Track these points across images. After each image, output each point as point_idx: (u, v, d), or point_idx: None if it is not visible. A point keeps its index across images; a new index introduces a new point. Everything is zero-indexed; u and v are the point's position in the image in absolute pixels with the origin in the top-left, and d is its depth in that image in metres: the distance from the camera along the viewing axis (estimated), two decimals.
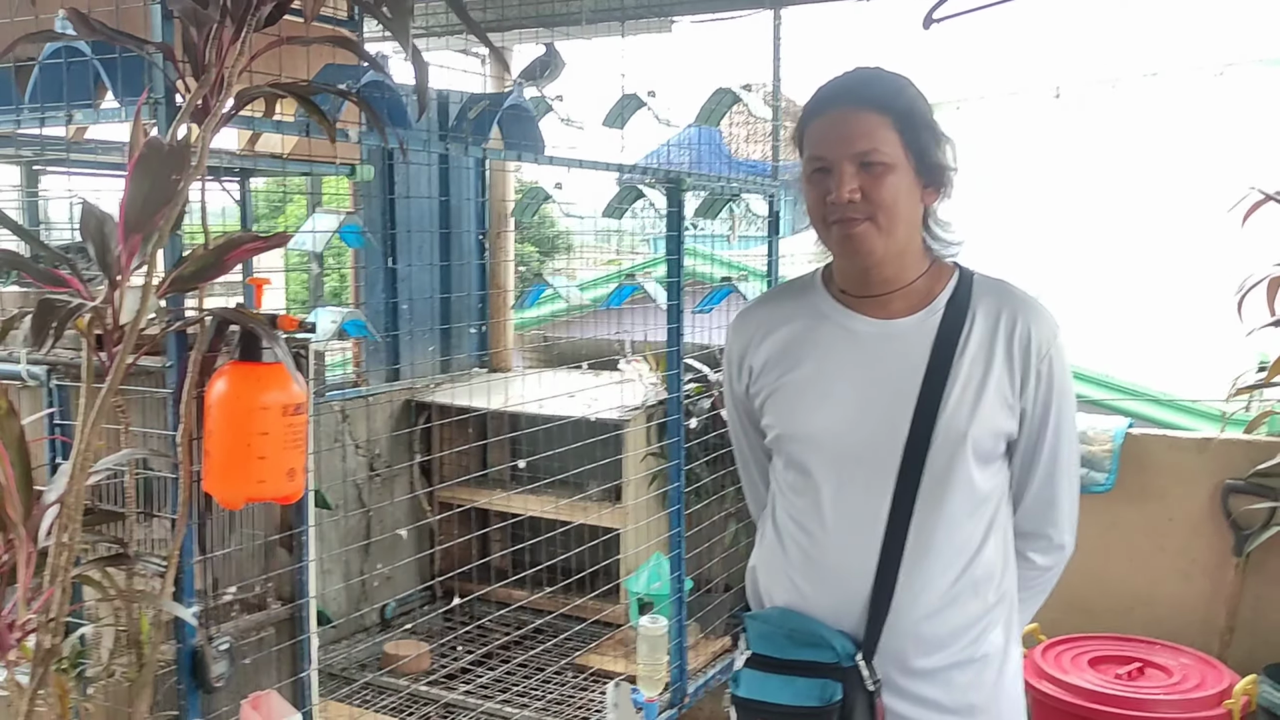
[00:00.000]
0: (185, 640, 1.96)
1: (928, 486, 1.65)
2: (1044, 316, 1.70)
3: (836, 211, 1.62)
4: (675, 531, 3.53)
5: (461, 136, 2.64)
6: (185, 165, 1.71)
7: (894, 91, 1.65)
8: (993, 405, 1.65)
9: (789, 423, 1.75)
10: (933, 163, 1.65)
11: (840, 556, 1.69)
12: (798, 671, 1.67)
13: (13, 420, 1.75)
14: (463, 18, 1.78)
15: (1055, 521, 1.77)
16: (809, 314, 1.76)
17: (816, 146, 1.64)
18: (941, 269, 1.74)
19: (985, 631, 1.69)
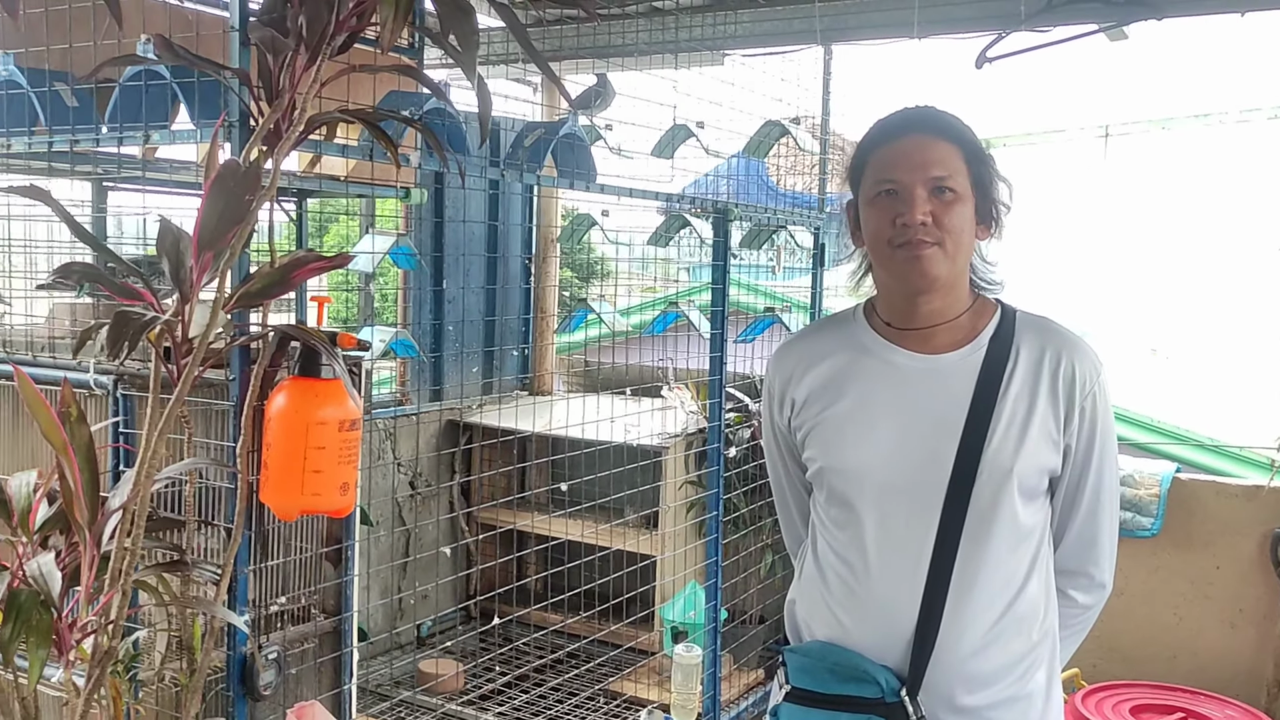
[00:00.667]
0: (236, 648, 2.00)
1: (973, 522, 1.65)
2: (1088, 353, 1.71)
3: (905, 234, 1.63)
4: (712, 560, 3.54)
5: (517, 163, 2.70)
6: (258, 186, 1.77)
7: (962, 126, 1.70)
8: (1037, 441, 1.66)
9: (832, 457, 1.76)
10: (992, 199, 1.69)
11: (884, 590, 1.69)
12: (840, 707, 1.67)
13: (82, 426, 1.80)
14: (528, 50, 1.83)
15: (1096, 559, 1.77)
16: (851, 347, 1.78)
17: (887, 170, 1.66)
18: (985, 305, 1.75)
19: (1030, 670, 1.69)
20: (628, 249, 4.76)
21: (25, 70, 2.31)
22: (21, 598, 1.78)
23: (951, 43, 3.59)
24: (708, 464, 3.56)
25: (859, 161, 1.73)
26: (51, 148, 2.25)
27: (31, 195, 1.85)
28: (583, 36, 3.84)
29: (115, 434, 2.15)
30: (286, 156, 1.91)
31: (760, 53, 3.86)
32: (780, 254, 4.21)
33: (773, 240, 4.13)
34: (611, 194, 3.06)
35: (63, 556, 1.89)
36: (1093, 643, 1.90)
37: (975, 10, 3.44)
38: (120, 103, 2.18)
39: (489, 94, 1.96)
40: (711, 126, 3.59)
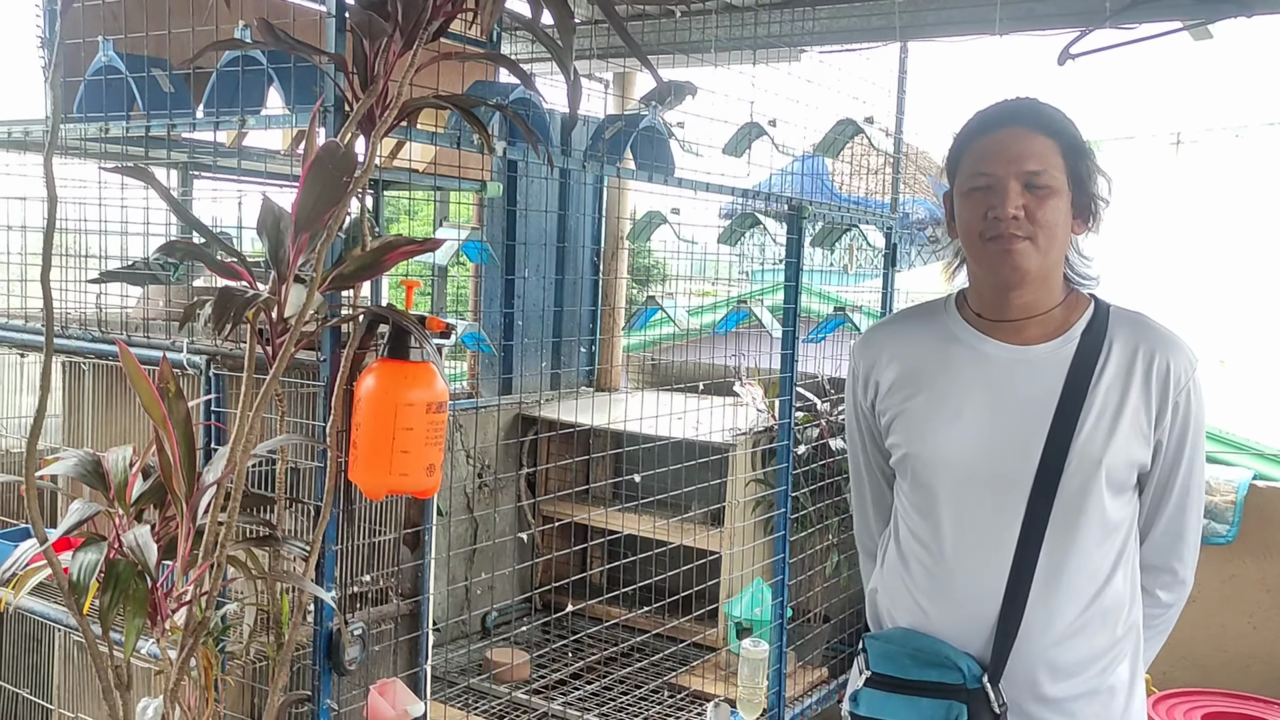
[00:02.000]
0: (322, 623, 2.04)
1: (1060, 512, 1.65)
2: (1183, 350, 1.70)
3: (997, 227, 1.64)
4: (779, 558, 3.53)
5: (597, 155, 2.72)
6: (354, 169, 1.81)
7: (1062, 119, 1.69)
8: (1128, 434, 1.66)
9: (917, 443, 1.76)
10: (1089, 194, 1.68)
11: (967, 579, 1.70)
12: (922, 692, 1.68)
13: (180, 403, 1.85)
14: (628, 42, 1.84)
15: (1181, 555, 1.77)
16: (940, 336, 1.78)
17: (982, 163, 1.66)
18: (1078, 299, 1.75)
19: (1114, 663, 1.69)
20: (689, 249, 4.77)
21: (124, 56, 2.37)
22: (119, 567, 1.83)
23: (1031, 40, 3.54)
24: (776, 461, 3.56)
25: (956, 153, 1.73)
26: (149, 132, 2.30)
27: (136, 175, 1.90)
28: (663, 32, 3.85)
29: (207, 412, 2.19)
30: (380, 140, 1.94)
31: (838, 49, 3.85)
32: (851, 254, 4.19)
33: (838, 243, 4.11)
34: (689, 188, 3.07)
35: (157, 530, 1.94)
36: (1165, 649, 1.87)
37: (1059, 6, 3.39)
38: (216, 88, 2.23)
39: (580, 86, 1.98)
40: (784, 124, 3.58)
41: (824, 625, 4.02)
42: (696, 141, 3.31)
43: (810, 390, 4.07)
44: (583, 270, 4.70)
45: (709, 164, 3.30)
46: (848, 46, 3.84)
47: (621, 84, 4.70)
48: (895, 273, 4.13)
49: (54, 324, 1.74)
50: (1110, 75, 11.22)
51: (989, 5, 3.46)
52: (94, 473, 1.93)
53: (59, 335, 2.49)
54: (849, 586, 4.09)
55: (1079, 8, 3.34)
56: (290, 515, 2.31)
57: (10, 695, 2.80)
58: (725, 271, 5.81)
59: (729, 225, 3.85)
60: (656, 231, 3.84)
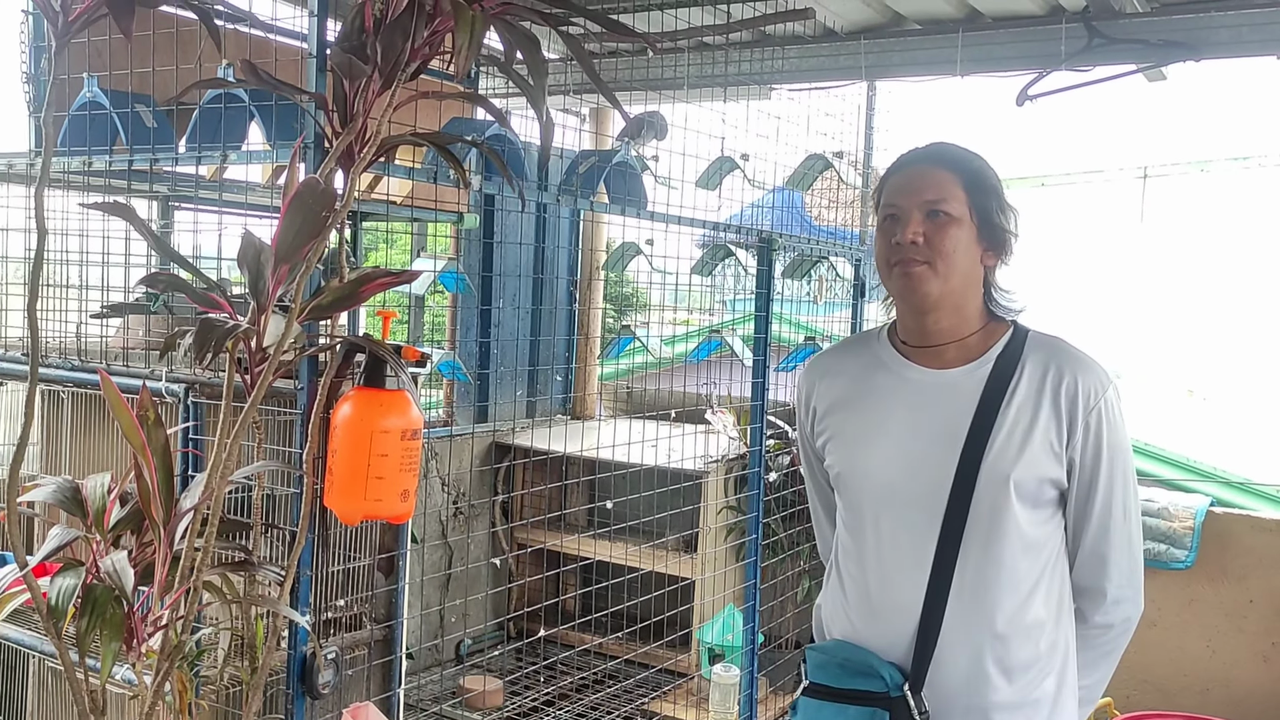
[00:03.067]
0: (296, 647, 2.08)
1: (974, 527, 1.73)
2: (1093, 371, 1.76)
3: (899, 253, 1.75)
4: (750, 583, 3.59)
5: (572, 189, 2.79)
6: (333, 204, 1.87)
7: (966, 157, 1.80)
8: (1038, 451, 1.72)
9: (846, 464, 1.87)
10: (994, 225, 1.77)
11: (889, 592, 1.78)
12: (849, 700, 1.77)
13: (159, 430, 1.89)
14: (595, 81, 1.92)
15: (1109, 577, 1.79)
16: (870, 362, 1.88)
17: (891, 196, 1.79)
18: (997, 326, 1.83)
19: (1039, 677, 1.75)
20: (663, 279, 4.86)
21: (108, 92, 2.43)
22: (97, 592, 1.86)
23: (993, 81, 3.66)
24: (748, 488, 3.62)
25: (876, 193, 1.86)
26: (132, 166, 2.36)
27: (115, 211, 1.95)
28: (636, 69, 3.95)
29: (185, 440, 2.23)
30: (360, 177, 2.00)
31: (806, 88, 3.95)
32: (822, 285, 4.28)
33: (811, 273, 4.20)
34: (661, 221, 3.14)
35: (134, 555, 1.98)
36: (1126, 673, 1.93)
37: (1017, 50, 3.51)
38: (198, 124, 2.29)
39: (552, 124, 2.05)
40: (756, 158, 3.68)
41: (795, 650, 4.07)
42: (670, 176, 3.40)
43: (782, 418, 4.14)
44: (559, 300, 4.77)
45: (683, 197, 3.38)
46: (816, 85, 3.94)
47: (596, 119, 4.79)
48: (864, 303, 4.22)
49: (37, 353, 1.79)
50: (1077, 112, 11.47)
51: (950, 47, 3.57)
52: (72, 499, 1.96)
53: (41, 364, 2.53)
54: None
55: (1036, 51, 3.46)
56: (266, 541, 2.35)
57: None
58: (699, 301, 5.89)
59: (702, 256, 3.93)
60: (631, 262, 3.91)
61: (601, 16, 2.07)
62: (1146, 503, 3.73)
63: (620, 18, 2.90)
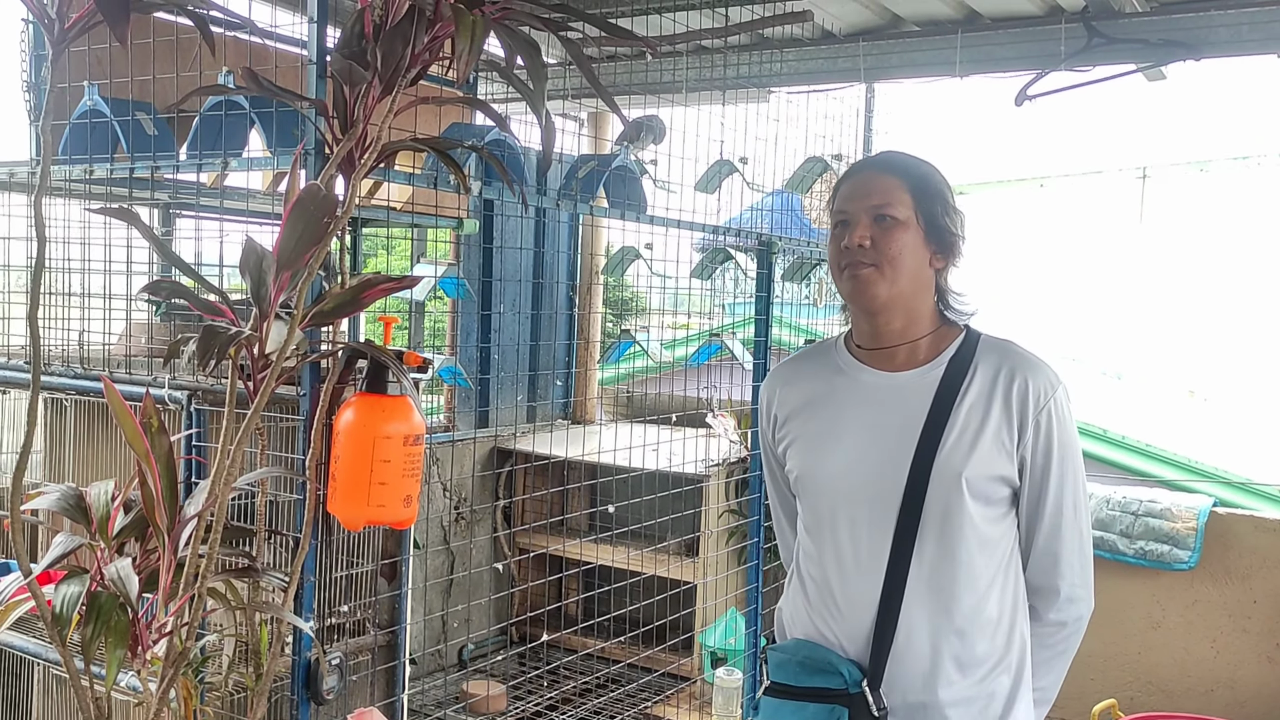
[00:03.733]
0: (301, 653, 2.08)
1: (928, 525, 1.75)
2: (1042, 371, 1.80)
3: (848, 256, 1.78)
4: (752, 587, 3.59)
5: (571, 194, 2.79)
6: (334, 210, 1.87)
7: (913, 164, 1.84)
8: (990, 449, 1.75)
9: (804, 467, 1.89)
10: (940, 227, 1.80)
11: (847, 590, 1.81)
12: (808, 698, 1.79)
13: (163, 437, 1.90)
14: (594, 85, 1.92)
15: (1062, 575, 1.82)
16: (828, 368, 1.92)
17: (841, 202, 1.83)
18: (950, 330, 1.86)
19: (994, 672, 1.78)
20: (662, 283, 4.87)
21: (109, 100, 2.43)
22: (102, 599, 1.86)
23: (993, 82, 3.66)
24: (749, 491, 3.62)
25: (830, 201, 1.89)
26: (133, 173, 2.36)
27: (120, 216, 1.95)
28: (635, 73, 3.95)
29: (188, 447, 2.24)
30: (360, 182, 2.01)
31: (805, 90, 3.96)
32: (821, 288, 4.28)
33: (811, 276, 4.20)
34: (660, 225, 3.15)
35: (138, 562, 1.98)
36: (1130, 674, 1.93)
37: (1016, 50, 3.52)
38: (199, 131, 2.29)
39: (553, 128, 2.06)
40: (755, 161, 3.68)
41: None
42: (669, 179, 3.40)
43: None
44: (558, 305, 4.78)
45: (682, 201, 3.39)
46: (814, 87, 3.95)
47: (595, 123, 4.80)
48: None
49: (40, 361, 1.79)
50: (1077, 113, 11.44)
51: (950, 48, 3.58)
52: (76, 507, 1.96)
53: (43, 373, 2.53)
54: None
55: (1036, 51, 3.47)
56: (269, 547, 2.36)
57: None
58: (699, 305, 5.89)
59: (701, 260, 3.93)
60: (631, 266, 3.92)
61: (601, 21, 2.07)
62: (1149, 503, 3.73)
63: (618, 22, 2.90)
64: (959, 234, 1.83)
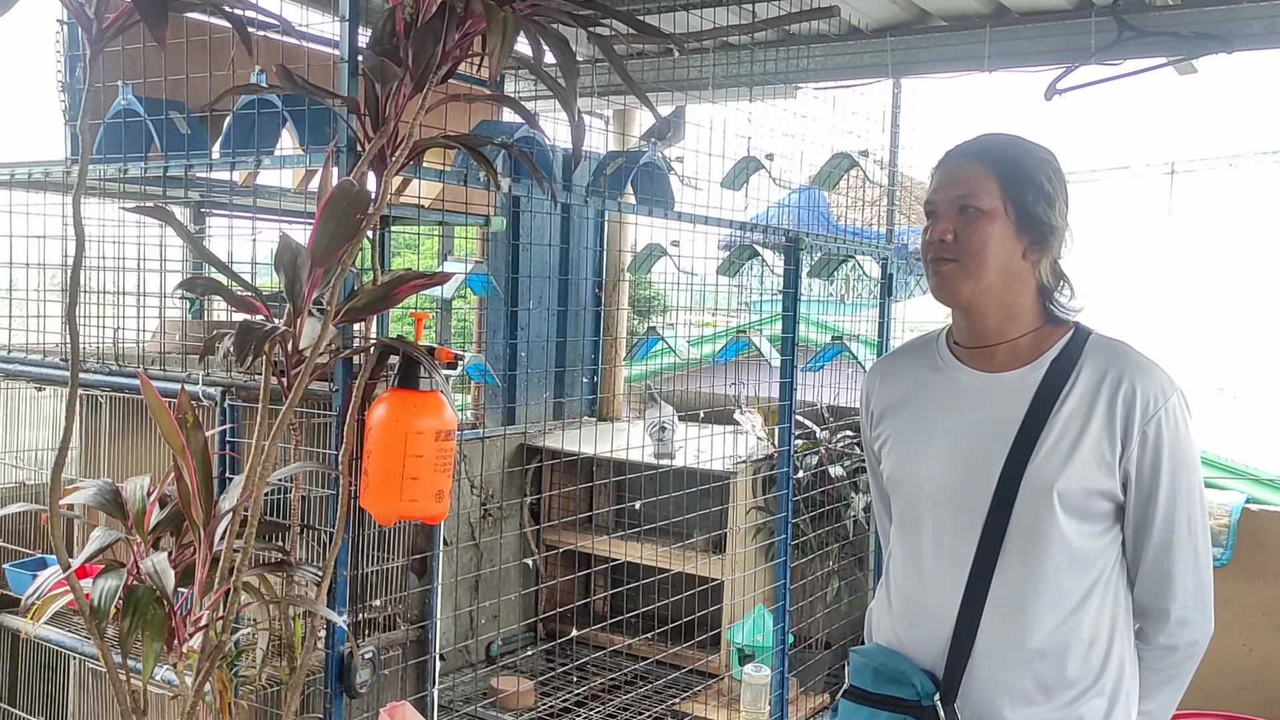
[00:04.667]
0: (334, 647, 2.09)
1: (1014, 537, 1.67)
2: (1156, 377, 1.67)
3: (931, 251, 1.71)
4: (780, 584, 3.58)
5: (599, 190, 2.80)
6: (367, 206, 1.88)
7: (1001, 147, 1.73)
8: (1087, 462, 1.64)
9: (894, 468, 1.83)
10: (1033, 217, 1.68)
11: (927, 599, 1.75)
12: (882, 705, 1.74)
13: (198, 432, 1.92)
14: (626, 81, 1.93)
15: (1174, 596, 1.69)
16: (927, 365, 1.84)
17: (930, 193, 1.75)
18: (1055, 329, 1.75)
19: (1085, 695, 1.68)
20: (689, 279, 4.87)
21: (142, 99, 2.45)
22: (138, 593, 1.88)
23: (1021, 76, 3.64)
24: (777, 488, 3.61)
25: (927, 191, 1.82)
26: (167, 172, 2.38)
27: (155, 215, 1.98)
28: (662, 69, 3.95)
29: (222, 442, 2.26)
30: (392, 179, 2.02)
31: (832, 86, 3.95)
32: (849, 284, 4.27)
33: (837, 272, 4.19)
34: (688, 221, 3.15)
35: (173, 557, 2.00)
36: None
37: (1045, 44, 3.49)
38: (232, 130, 2.31)
39: (583, 126, 2.06)
40: (781, 158, 3.67)
41: (825, 651, 4.07)
42: (695, 176, 3.40)
43: (809, 418, 4.14)
44: (585, 302, 4.78)
45: (708, 197, 3.38)
46: (842, 83, 3.93)
47: (621, 120, 4.80)
48: (892, 302, 4.21)
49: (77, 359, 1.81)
50: (1104, 107, 11.33)
51: (978, 43, 3.55)
52: (113, 502, 1.99)
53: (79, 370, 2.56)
54: (849, 612, 4.13)
55: (1065, 45, 3.44)
56: (303, 542, 2.37)
57: None
58: (725, 302, 5.89)
59: (728, 257, 3.93)
60: (657, 263, 3.92)
61: (630, 18, 2.07)
62: None
63: (645, 19, 2.90)
64: (1056, 223, 1.70)
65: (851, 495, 4.08)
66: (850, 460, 4.11)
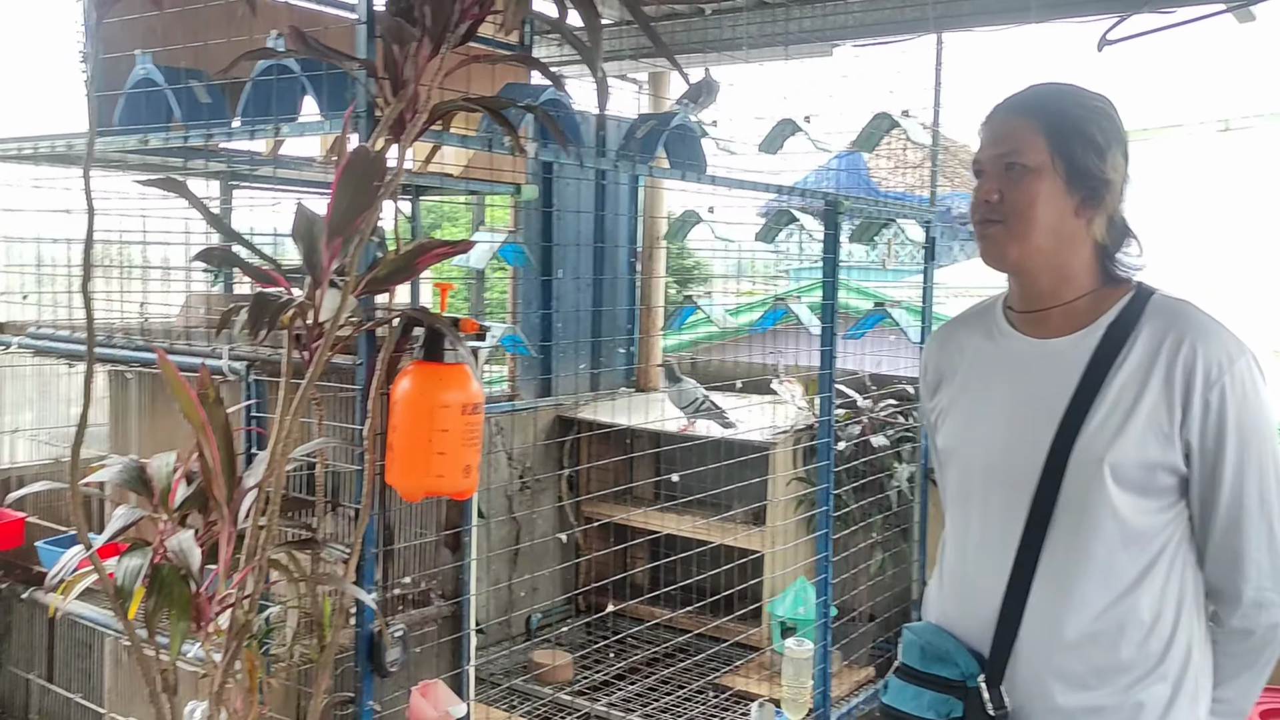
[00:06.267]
0: (364, 625, 2.05)
1: (1063, 513, 1.58)
2: (1220, 340, 1.55)
3: (978, 212, 1.63)
4: (822, 556, 3.51)
5: (630, 154, 2.72)
6: (384, 173, 1.82)
7: (1048, 98, 1.62)
8: (1141, 433, 1.54)
9: (946, 441, 1.76)
10: (1084, 170, 1.58)
11: (975, 577, 1.68)
12: (928, 684, 1.67)
13: (219, 408, 1.87)
14: (656, 43, 1.84)
15: (1245, 575, 1.58)
16: (982, 332, 1.75)
17: (978, 151, 1.65)
18: (1114, 290, 1.64)
19: (1143, 680, 1.57)
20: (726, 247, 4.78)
21: (162, 68, 2.40)
22: (164, 572, 1.85)
23: (1069, 28, 3.49)
24: (817, 459, 3.53)
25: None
26: (187, 142, 2.34)
27: (167, 187, 1.93)
28: (693, 30, 3.85)
29: (248, 418, 2.22)
30: (411, 145, 1.95)
31: (871, 43, 3.82)
32: (890, 249, 4.16)
33: (878, 237, 4.08)
34: (723, 185, 3.06)
35: (200, 535, 1.97)
36: None
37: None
38: (251, 98, 2.25)
39: (608, 85, 1.99)
40: (819, 119, 3.57)
41: (869, 624, 3.99)
42: (731, 139, 3.31)
43: (851, 387, 4.04)
44: (620, 270, 4.71)
45: (745, 162, 3.29)
46: (882, 39, 3.81)
47: (655, 84, 4.70)
48: (935, 267, 4.09)
49: (97, 334, 1.77)
50: (1156, 62, 11.00)
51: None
52: (138, 479, 1.96)
53: (105, 345, 2.54)
54: (894, 585, 4.05)
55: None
56: (330, 518, 2.34)
57: (63, 700, 2.85)
58: (763, 270, 5.79)
59: (765, 223, 3.84)
60: (693, 230, 3.84)
61: None
62: None
63: None
64: (1111, 176, 1.59)
65: (895, 465, 3.99)
66: (893, 430, 4.02)
